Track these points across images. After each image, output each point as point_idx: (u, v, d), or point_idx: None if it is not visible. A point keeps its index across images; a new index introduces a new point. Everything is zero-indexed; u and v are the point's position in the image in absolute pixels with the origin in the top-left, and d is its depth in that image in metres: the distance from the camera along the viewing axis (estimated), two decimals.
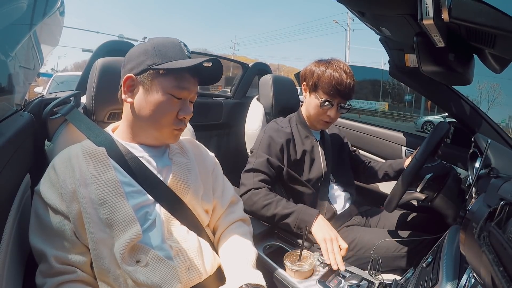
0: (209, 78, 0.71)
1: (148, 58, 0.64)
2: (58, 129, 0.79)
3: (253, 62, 2.01)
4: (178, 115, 0.66)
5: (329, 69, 1.01)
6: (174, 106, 0.65)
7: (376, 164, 1.26)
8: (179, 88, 0.64)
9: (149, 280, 0.57)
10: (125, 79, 0.65)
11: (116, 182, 0.62)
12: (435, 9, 0.61)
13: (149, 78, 0.63)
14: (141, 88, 0.64)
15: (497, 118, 9.11)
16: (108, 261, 0.57)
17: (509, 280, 0.32)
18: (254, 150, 1.06)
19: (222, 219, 0.78)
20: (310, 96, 1.07)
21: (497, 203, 0.44)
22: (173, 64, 0.62)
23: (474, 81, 0.87)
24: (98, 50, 1.17)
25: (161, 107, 0.63)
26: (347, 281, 0.74)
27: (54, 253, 0.56)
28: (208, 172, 0.78)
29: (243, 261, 0.68)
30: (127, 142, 0.69)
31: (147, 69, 0.63)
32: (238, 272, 0.65)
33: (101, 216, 0.58)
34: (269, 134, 1.06)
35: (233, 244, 0.73)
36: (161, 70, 0.63)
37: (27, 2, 0.71)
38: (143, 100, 0.64)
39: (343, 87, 0.99)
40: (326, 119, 1.05)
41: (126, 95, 0.66)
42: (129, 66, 0.66)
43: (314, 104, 1.05)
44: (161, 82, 0.63)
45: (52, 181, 0.60)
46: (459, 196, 0.92)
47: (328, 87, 0.99)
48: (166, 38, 0.67)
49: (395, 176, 1.17)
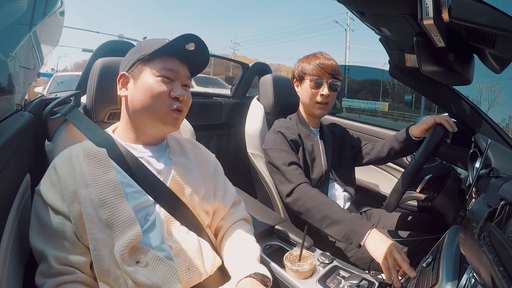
0: (197, 63, 0.74)
1: (136, 54, 0.68)
2: (58, 129, 0.79)
3: (253, 62, 2.01)
4: (170, 95, 0.66)
5: (311, 58, 1.09)
6: (163, 86, 0.65)
7: (380, 143, 1.20)
8: (165, 69, 0.66)
9: (149, 281, 0.57)
10: (119, 78, 0.69)
11: (117, 183, 0.62)
12: (435, 9, 0.61)
13: (138, 69, 0.67)
14: (132, 80, 0.68)
15: (497, 118, 9.11)
16: (108, 262, 0.57)
17: (509, 280, 0.32)
18: (269, 147, 1.07)
19: (225, 219, 0.78)
20: (301, 86, 1.10)
21: (497, 203, 0.44)
22: (155, 48, 0.65)
23: (474, 81, 0.87)
24: (98, 50, 1.17)
25: (151, 88, 0.65)
26: (347, 281, 0.74)
27: (54, 254, 0.56)
28: (209, 173, 0.78)
29: (249, 254, 0.69)
30: (127, 143, 0.69)
31: (135, 62, 0.67)
32: (245, 264, 0.66)
33: (101, 217, 0.58)
34: (279, 131, 1.07)
35: (237, 239, 0.73)
36: (146, 56, 0.66)
37: (27, 2, 0.71)
38: (135, 89, 0.67)
39: (327, 66, 1.05)
40: (320, 99, 1.07)
41: (121, 91, 0.69)
42: (121, 68, 0.71)
43: (305, 90, 1.08)
44: (149, 68, 0.66)
45: (53, 182, 0.60)
46: (459, 196, 0.92)
47: (314, 68, 1.06)
48: (154, 38, 0.72)
49: (401, 148, 1.10)
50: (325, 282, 0.76)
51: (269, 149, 1.07)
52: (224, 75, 10.60)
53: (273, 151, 1.05)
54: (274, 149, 1.05)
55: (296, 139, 1.06)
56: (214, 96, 1.88)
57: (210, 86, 6.39)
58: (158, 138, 0.73)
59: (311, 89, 1.06)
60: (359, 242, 0.82)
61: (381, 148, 1.16)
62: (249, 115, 1.34)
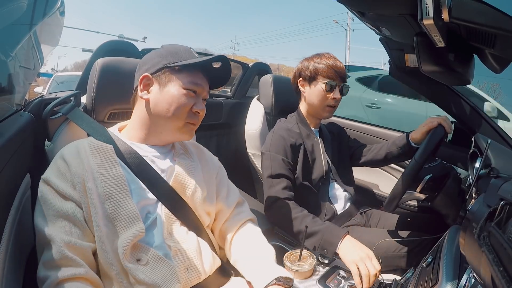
0: (218, 79, 0.75)
1: (163, 59, 0.68)
2: (58, 129, 0.80)
3: (253, 62, 2.01)
4: (192, 109, 0.68)
5: (323, 58, 1.08)
6: (189, 100, 0.68)
7: (378, 145, 1.18)
8: (194, 83, 0.68)
9: (148, 279, 0.58)
10: (141, 78, 0.69)
11: (122, 178, 0.62)
12: (435, 9, 0.61)
13: (165, 75, 0.68)
14: (157, 85, 0.68)
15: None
16: (112, 256, 0.57)
17: (509, 280, 0.32)
18: (266, 151, 1.05)
19: (230, 220, 0.78)
20: (310, 87, 1.08)
21: (497, 203, 0.44)
22: (188, 61, 0.67)
23: (474, 81, 0.87)
24: (98, 50, 1.17)
25: (177, 100, 0.66)
26: (347, 281, 0.74)
27: (65, 238, 0.54)
28: (212, 176, 0.78)
29: (266, 258, 0.70)
30: (133, 142, 0.70)
31: (163, 67, 0.68)
32: (265, 269, 0.66)
33: (106, 211, 0.59)
34: (279, 134, 1.05)
35: (251, 243, 0.74)
36: (177, 66, 0.67)
37: (27, 2, 0.71)
38: (160, 95, 0.67)
39: (339, 69, 1.05)
40: (331, 103, 1.06)
41: (142, 93, 0.69)
42: (144, 67, 0.70)
43: (317, 92, 1.06)
44: (177, 78, 0.67)
45: (61, 170, 0.60)
46: (459, 196, 0.92)
47: (328, 70, 1.05)
48: (177, 45, 0.73)
49: (399, 154, 1.09)
50: (325, 282, 0.76)
51: (264, 154, 1.06)
52: None
53: (266, 157, 1.04)
54: (269, 156, 1.03)
55: (296, 142, 1.05)
56: (214, 96, 1.88)
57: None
58: (169, 141, 0.74)
59: (325, 91, 1.05)
60: (333, 251, 0.84)
61: (378, 150, 1.15)
62: (249, 115, 1.34)
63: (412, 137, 1.04)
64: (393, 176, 1.58)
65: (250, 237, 0.75)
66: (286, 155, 1.02)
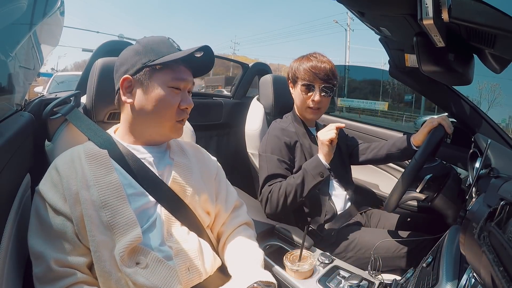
0: (202, 67, 0.73)
1: (142, 57, 0.65)
2: (58, 129, 0.79)
3: (253, 62, 2.01)
4: (180, 106, 0.67)
5: (304, 59, 1.07)
6: (175, 98, 0.66)
7: (378, 144, 1.18)
8: (178, 79, 0.66)
9: (149, 282, 0.57)
10: (122, 81, 0.66)
11: (118, 185, 0.61)
12: (435, 9, 0.61)
13: (146, 76, 0.65)
14: (139, 87, 0.65)
15: (497, 118, 9.13)
16: (109, 264, 0.57)
17: (509, 280, 0.32)
18: (262, 153, 1.06)
19: (227, 224, 0.78)
20: (294, 89, 1.11)
21: (497, 203, 0.44)
22: (168, 58, 0.64)
23: (474, 81, 0.87)
24: (98, 50, 1.17)
25: (164, 100, 0.65)
26: (347, 281, 0.74)
27: (54, 256, 0.55)
28: (211, 176, 0.78)
29: (251, 261, 0.69)
30: (129, 144, 0.69)
31: (143, 67, 0.65)
32: (248, 271, 0.65)
33: (103, 219, 0.58)
34: (274, 134, 1.06)
35: (240, 245, 0.73)
36: (158, 65, 0.64)
37: (27, 2, 0.71)
38: (144, 97, 0.65)
39: (319, 70, 1.03)
40: (311, 104, 1.07)
41: (125, 97, 0.66)
42: (123, 69, 0.67)
43: (297, 94, 1.09)
44: (159, 77, 0.65)
45: (54, 182, 0.60)
46: (459, 196, 0.92)
47: (305, 73, 1.04)
48: (155, 37, 0.69)
49: (399, 156, 1.10)
50: (325, 282, 0.76)
51: (260, 156, 1.08)
52: (224, 75, 10.58)
53: (262, 159, 1.06)
54: (264, 157, 1.05)
55: (291, 141, 1.05)
56: (214, 96, 1.89)
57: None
58: (161, 141, 0.73)
59: (303, 94, 1.06)
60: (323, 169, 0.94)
61: (378, 150, 1.15)
62: (249, 115, 1.34)
63: (414, 140, 1.04)
64: (393, 176, 1.58)
65: (240, 241, 0.74)
66: (281, 155, 1.03)
